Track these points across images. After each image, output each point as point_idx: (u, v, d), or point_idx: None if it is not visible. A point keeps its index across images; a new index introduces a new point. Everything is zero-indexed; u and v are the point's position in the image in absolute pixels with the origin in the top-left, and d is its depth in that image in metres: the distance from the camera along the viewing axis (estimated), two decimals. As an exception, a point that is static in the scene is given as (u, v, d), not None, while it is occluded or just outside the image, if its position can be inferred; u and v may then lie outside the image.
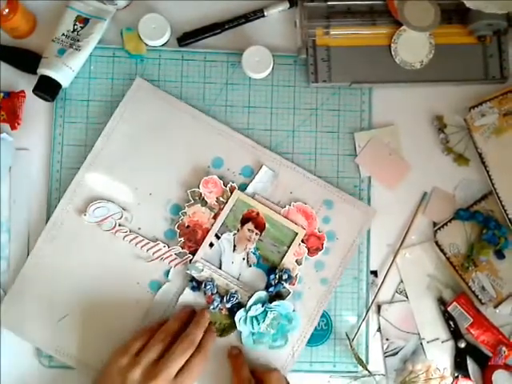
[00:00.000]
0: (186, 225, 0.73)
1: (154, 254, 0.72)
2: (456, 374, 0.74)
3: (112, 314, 0.72)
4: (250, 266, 0.73)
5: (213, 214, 0.73)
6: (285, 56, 0.76)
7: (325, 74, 0.74)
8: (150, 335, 0.68)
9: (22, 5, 0.72)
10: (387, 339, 0.74)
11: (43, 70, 0.72)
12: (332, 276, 0.74)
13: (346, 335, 0.73)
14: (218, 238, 0.73)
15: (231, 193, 0.73)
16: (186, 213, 0.73)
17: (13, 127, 0.73)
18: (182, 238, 0.72)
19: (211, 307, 0.71)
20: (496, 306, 0.73)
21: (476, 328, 0.73)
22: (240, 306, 0.72)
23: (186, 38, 0.76)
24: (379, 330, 0.75)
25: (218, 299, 0.71)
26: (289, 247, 0.72)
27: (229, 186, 0.73)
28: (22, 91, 0.74)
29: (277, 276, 0.72)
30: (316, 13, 0.75)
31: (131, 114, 0.74)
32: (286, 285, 0.72)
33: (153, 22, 0.74)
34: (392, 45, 0.75)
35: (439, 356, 0.75)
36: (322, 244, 0.73)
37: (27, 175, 0.74)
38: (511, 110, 0.74)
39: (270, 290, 0.71)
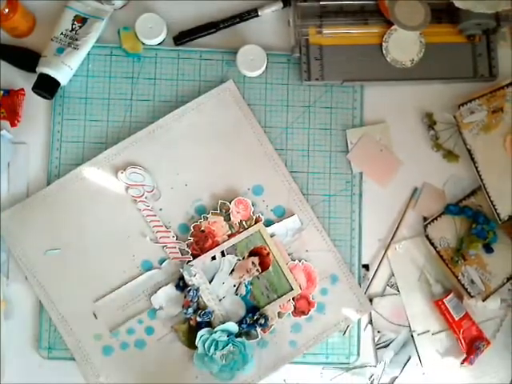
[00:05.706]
0: (202, 229, 0.73)
1: (160, 238, 0.74)
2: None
3: (97, 269, 0.73)
4: (237, 295, 0.73)
5: (230, 232, 0.74)
6: (278, 55, 0.77)
7: (317, 72, 0.76)
8: None
9: (21, 4, 0.73)
10: (379, 331, 0.76)
11: (42, 69, 0.73)
12: (302, 344, 0.74)
13: (339, 327, 0.75)
14: (222, 255, 0.73)
15: (255, 223, 0.74)
16: (207, 218, 0.73)
17: (12, 124, 0.75)
18: (192, 238, 0.73)
19: (184, 311, 0.71)
20: (484, 299, 0.74)
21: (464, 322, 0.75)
22: (208, 324, 0.72)
23: (182, 37, 0.77)
24: (371, 322, 0.76)
25: (193, 309, 0.71)
26: (279, 297, 0.73)
27: (257, 215, 0.74)
28: (22, 89, 0.75)
29: (255, 317, 0.72)
30: (309, 12, 0.76)
31: (208, 108, 0.75)
32: (259, 329, 0.72)
33: (149, 21, 0.75)
34: (383, 44, 0.76)
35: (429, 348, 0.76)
36: (309, 310, 0.73)
37: (26, 171, 0.75)
38: (499, 108, 0.75)
39: (243, 326, 0.72)
